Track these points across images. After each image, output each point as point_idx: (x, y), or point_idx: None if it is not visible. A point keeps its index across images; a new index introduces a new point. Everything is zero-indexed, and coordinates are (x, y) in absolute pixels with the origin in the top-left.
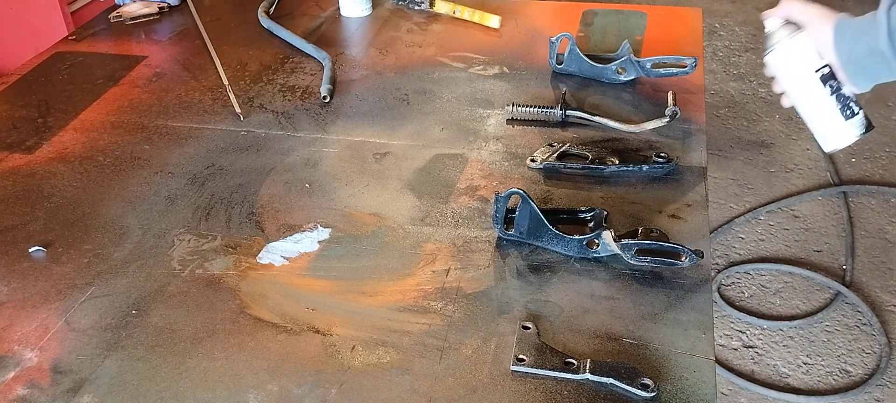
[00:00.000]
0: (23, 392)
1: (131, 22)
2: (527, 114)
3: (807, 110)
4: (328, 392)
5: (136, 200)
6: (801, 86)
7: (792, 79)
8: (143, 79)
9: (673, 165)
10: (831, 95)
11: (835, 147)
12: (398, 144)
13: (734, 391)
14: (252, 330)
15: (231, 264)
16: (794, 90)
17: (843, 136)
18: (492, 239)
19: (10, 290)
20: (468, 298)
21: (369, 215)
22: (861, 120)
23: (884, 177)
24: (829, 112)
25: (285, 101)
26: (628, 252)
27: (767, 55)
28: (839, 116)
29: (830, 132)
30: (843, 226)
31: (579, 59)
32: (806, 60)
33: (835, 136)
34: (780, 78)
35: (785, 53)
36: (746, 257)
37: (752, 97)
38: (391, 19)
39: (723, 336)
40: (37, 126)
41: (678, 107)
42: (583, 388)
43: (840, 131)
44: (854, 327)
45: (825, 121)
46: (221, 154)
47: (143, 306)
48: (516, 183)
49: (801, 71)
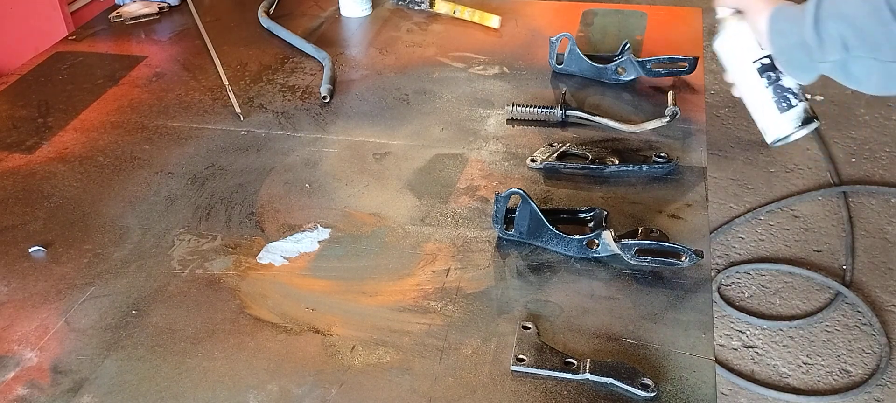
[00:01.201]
0: (23, 392)
1: (131, 22)
2: (527, 114)
3: (748, 100)
4: (328, 392)
5: (136, 200)
6: (742, 76)
7: (734, 69)
8: (143, 79)
9: (673, 165)
10: (768, 86)
11: (774, 140)
12: (398, 144)
13: (734, 391)
14: (252, 330)
15: (231, 264)
16: (737, 80)
17: (780, 129)
18: (492, 239)
19: (10, 290)
20: (468, 298)
21: (369, 215)
22: (798, 113)
23: (884, 177)
24: (765, 103)
25: (285, 101)
26: (628, 252)
27: (715, 43)
28: (774, 108)
29: (768, 125)
30: (843, 226)
31: (579, 58)
32: (746, 50)
33: (772, 129)
34: (725, 65)
35: (728, 42)
36: (746, 257)
37: None
38: (391, 19)
39: (723, 336)
40: (37, 126)
41: (678, 107)
42: (583, 388)
43: (776, 124)
44: (854, 327)
45: (762, 113)
46: (221, 154)
47: (143, 306)
48: (516, 183)
49: (741, 61)
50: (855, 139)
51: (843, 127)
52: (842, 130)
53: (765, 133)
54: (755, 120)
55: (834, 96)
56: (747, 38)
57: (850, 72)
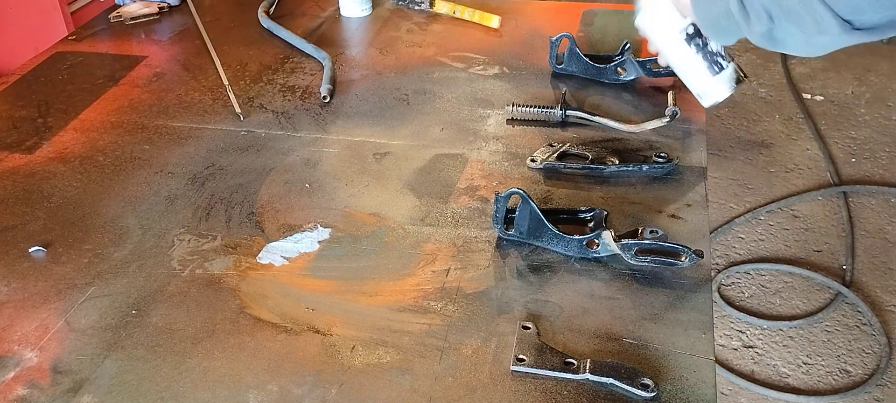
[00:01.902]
0: (23, 392)
1: (131, 22)
2: (527, 114)
3: (679, 69)
4: (328, 392)
5: (136, 200)
6: (669, 46)
7: (660, 40)
8: (143, 79)
9: (673, 165)
10: (698, 53)
11: (711, 103)
12: (398, 144)
13: (734, 391)
14: (252, 330)
15: (231, 264)
16: (664, 50)
17: (716, 92)
18: (492, 239)
19: (10, 290)
20: (468, 298)
21: (369, 215)
22: (730, 74)
23: (884, 177)
24: (698, 70)
25: (285, 101)
26: (628, 252)
27: (636, 18)
28: (707, 73)
29: (703, 89)
30: (843, 226)
31: (579, 58)
32: (670, 21)
33: (709, 93)
34: (650, 39)
35: (651, 16)
36: (746, 257)
37: (752, 97)
38: (391, 19)
39: (723, 336)
40: (37, 126)
41: (678, 107)
42: (583, 388)
43: (712, 87)
44: (854, 327)
45: (697, 78)
46: (221, 154)
47: (143, 306)
48: (516, 183)
49: (666, 32)
50: (855, 139)
51: (843, 127)
52: (842, 130)
53: (701, 97)
54: (688, 85)
55: (834, 96)
56: (669, 10)
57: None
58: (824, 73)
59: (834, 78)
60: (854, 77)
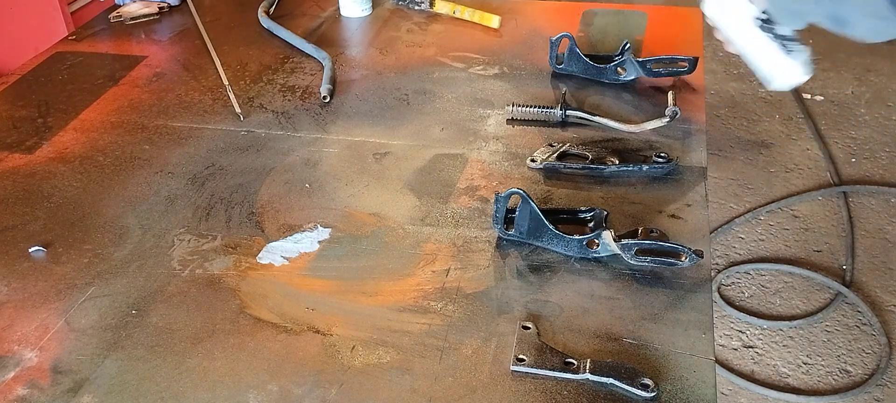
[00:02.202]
0: (23, 392)
1: (131, 22)
2: (527, 114)
3: (752, 53)
4: (328, 392)
5: (136, 200)
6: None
7: (732, 27)
8: (143, 79)
9: (673, 165)
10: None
11: (786, 85)
12: (398, 144)
13: (734, 391)
14: (252, 330)
15: (231, 264)
16: (736, 37)
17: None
18: (492, 239)
19: (10, 290)
20: (468, 298)
21: (369, 215)
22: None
23: (884, 177)
24: (771, 54)
25: (285, 101)
26: (628, 252)
27: (703, 6)
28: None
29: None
30: (843, 226)
31: (579, 58)
32: (739, 7)
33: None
34: (719, 27)
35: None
36: (746, 257)
37: (752, 97)
38: (391, 19)
39: (723, 336)
40: (37, 126)
41: (678, 107)
42: (583, 388)
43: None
44: (854, 327)
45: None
46: (221, 154)
47: (143, 306)
48: (516, 183)
49: (738, 17)
50: (855, 139)
51: (843, 127)
52: (842, 130)
53: (771, 80)
54: (759, 70)
55: (834, 96)
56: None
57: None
58: (824, 73)
59: (834, 78)
60: (854, 77)
